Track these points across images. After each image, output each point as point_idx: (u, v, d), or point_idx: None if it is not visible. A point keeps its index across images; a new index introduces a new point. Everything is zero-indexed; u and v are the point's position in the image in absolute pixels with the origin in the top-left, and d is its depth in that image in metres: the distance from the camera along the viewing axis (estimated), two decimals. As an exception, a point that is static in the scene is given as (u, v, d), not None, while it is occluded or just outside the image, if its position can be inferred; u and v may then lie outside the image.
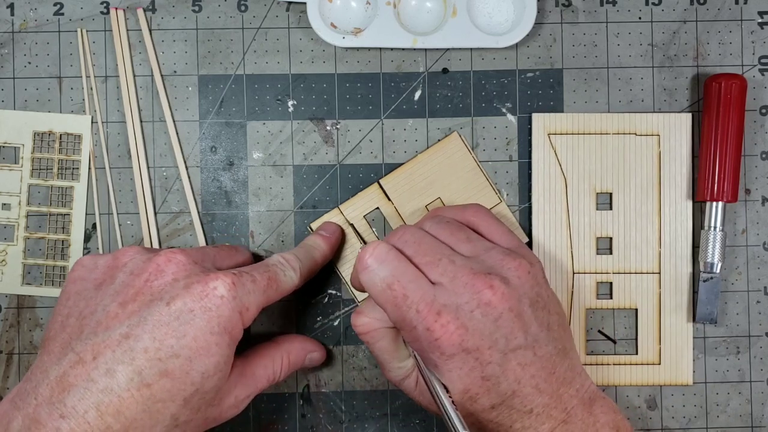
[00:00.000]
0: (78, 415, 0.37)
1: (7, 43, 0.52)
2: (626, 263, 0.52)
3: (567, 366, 0.42)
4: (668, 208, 0.52)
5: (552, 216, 0.52)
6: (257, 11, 0.52)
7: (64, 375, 0.38)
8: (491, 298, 0.40)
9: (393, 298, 0.41)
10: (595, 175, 0.52)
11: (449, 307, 0.40)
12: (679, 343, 0.51)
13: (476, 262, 0.42)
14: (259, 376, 0.45)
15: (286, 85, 0.52)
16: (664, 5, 0.52)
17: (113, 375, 0.37)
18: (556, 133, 0.52)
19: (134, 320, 0.39)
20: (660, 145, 0.52)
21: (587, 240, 0.52)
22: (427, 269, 0.42)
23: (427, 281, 0.42)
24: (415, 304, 0.41)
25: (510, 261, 0.42)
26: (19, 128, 0.52)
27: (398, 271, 0.42)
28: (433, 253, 0.42)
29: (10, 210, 0.52)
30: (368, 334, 0.45)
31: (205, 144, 0.52)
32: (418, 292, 0.41)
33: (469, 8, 0.51)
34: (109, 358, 0.38)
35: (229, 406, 0.43)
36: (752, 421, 0.52)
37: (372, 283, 0.42)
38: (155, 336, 0.38)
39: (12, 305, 0.52)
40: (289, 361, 0.47)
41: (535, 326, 0.41)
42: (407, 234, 0.44)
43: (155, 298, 0.40)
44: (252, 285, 0.42)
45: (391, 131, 0.52)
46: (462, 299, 0.41)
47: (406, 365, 0.45)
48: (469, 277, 0.41)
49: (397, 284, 0.41)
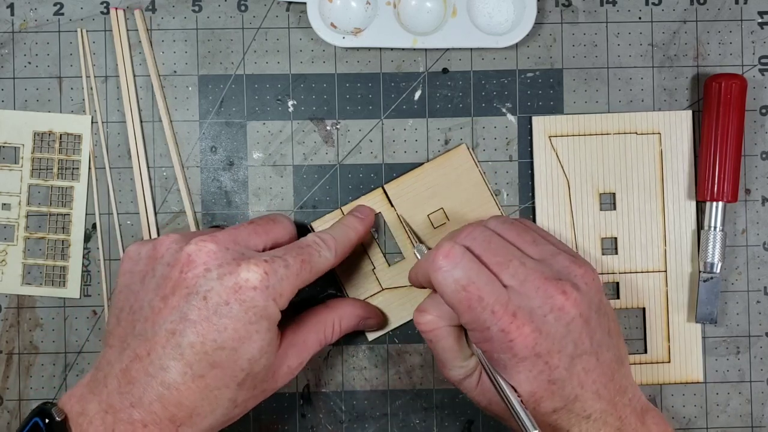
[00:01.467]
0: (145, 405, 0.39)
1: (7, 43, 0.52)
2: (632, 263, 0.52)
3: (623, 373, 0.43)
4: (672, 206, 0.52)
5: (556, 218, 0.52)
6: (257, 11, 0.52)
7: (127, 369, 0.40)
8: (564, 303, 0.41)
9: (467, 300, 0.41)
10: (598, 175, 0.52)
11: (524, 310, 0.40)
12: (689, 341, 0.51)
13: (545, 266, 0.42)
14: (310, 342, 0.46)
15: (286, 85, 0.52)
16: (664, 5, 0.52)
17: (167, 370, 0.40)
18: (557, 136, 0.52)
19: (176, 315, 0.40)
20: (661, 143, 0.52)
21: (592, 241, 0.52)
22: (498, 270, 0.42)
23: (500, 283, 0.41)
24: (490, 305, 0.40)
25: (577, 268, 0.43)
26: (19, 128, 0.52)
27: (472, 273, 0.41)
28: (503, 253, 0.42)
29: (10, 210, 0.52)
30: (431, 332, 0.44)
31: (205, 144, 0.52)
32: (493, 294, 0.41)
33: (469, 8, 0.51)
34: (160, 355, 0.40)
35: (283, 375, 0.44)
36: (752, 421, 0.52)
37: (445, 284, 0.42)
38: (198, 331, 0.40)
39: (12, 305, 0.52)
40: (341, 326, 0.48)
41: (599, 332, 0.42)
42: (476, 232, 0.44)
43: (191, 292, 0.40)
44: (285, 271, 0.42)
45: (391, 131, 0.52)
46: (534, 303, 0.41)
47: (468, 365, 0.45)
48: (540, 281, 0.41)
49: (472, 286, 0.41)
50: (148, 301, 0.41)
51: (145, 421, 0.39)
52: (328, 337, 0.47)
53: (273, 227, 0.45)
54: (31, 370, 0.52)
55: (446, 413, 0.52)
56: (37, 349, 0.52)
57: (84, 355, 0.52)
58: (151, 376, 0.40)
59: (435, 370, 0.52)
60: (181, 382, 0.40)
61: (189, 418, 0.40)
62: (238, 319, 0.40)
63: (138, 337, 0.41)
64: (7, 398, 0.52)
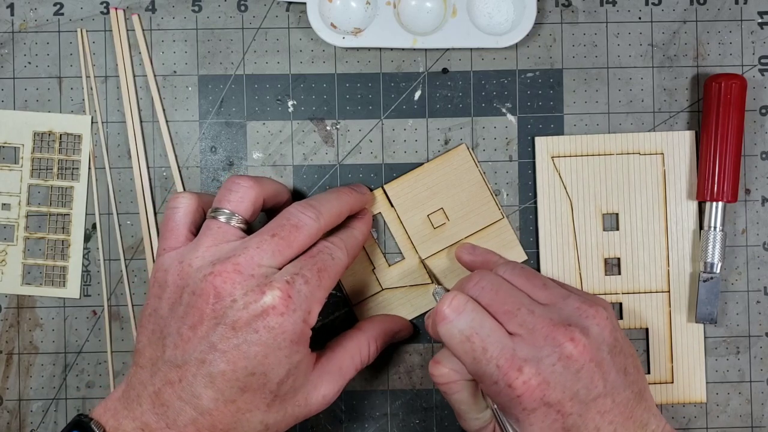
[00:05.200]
0: (179, 427, 0.40)
1: (7, 43, 0.52)
2: (635, 283, 0.52)
3: (643, 408, 0.43)
4: (675, 227, 0.52)
5: (559, 239, 0.52)
6: (257, 11, 0.52)
7: (160, 392, 0.41)
8: (572, 351, 0.40)
9: (472, 351, 0.41)
10: (601, 196, 0.52)
11: (530, 362, 0.40)
12: (692, 361, 0.51)
13: (554, 312, 0.42)
14: (346, 368, 0.45)
15: (286, 85, 0.52)
16: (664, 5, 0.52)
17: (200, 398, 0.40)
18: (560, 156, 0.52)
19: (205, 345, 0.40)
20: (664, 164, 0.52)
21: (595, 261, 0.52)
22: (505, 319, 0.41)
23: (506, 333, 0.41)
24: (495, 358, 0.40)
25: (588, 308, 0.42)
26: (19, 128, 0.52)
27: (476, 323, 0.41)
28: (511, 301, 0.42)
29: (10, 210, 0.52)
30: (447, 385, 0.44)
31: (205, 144, 0.52)
32: (498, 345, 0.40)
33: (469, 8, 0.51)
34: (192, 383, 0.40)
35: (317, 403, 0.44)
36: (752, 421, 0.52)
37: (450, 335, 0.41)
38: (228, 359, 0.40)
39: (12, 305, 0.52)
40: (376, 345, 0.48)
41: (614, 373, 0.41)
42: (484, 280, 0.43)
43: (219, 322, 0.40)
44: (306, 287, 0.41)
45: (391, 131, 0.52)
46: (543, 352, 0.40)
47: (484, 416, 0.45)
48: (549, 329, 0.41)
49: (476, 336, 0.41)
50: (177, 328, 0.41)
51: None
52: (364, 360, 0.47)
53: (297, 236, 0.43)
54: (31, 370, 0.52)
55: (446, 413, 0.52)
56: (37, 349, 0.52)
57: (84, 355, 0.52)
58: (184, 401, 0.40)
59: (435, 370, 0.52)
60: (213, 408, 0.40)
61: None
62: (267, 345, 0.40)
63: (168, 363, 0.41)
64: (7, 398, 0.52)
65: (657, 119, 0.52)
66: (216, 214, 0.43)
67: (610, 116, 0.52)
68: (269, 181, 0.47)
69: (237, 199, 0.43)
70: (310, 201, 0.44)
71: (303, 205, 0.44)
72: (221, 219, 0.43)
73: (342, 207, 0.46)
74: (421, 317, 0.52)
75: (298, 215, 0.43)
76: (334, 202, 0.45)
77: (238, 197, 0.43)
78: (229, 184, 0.44)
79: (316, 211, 0.43)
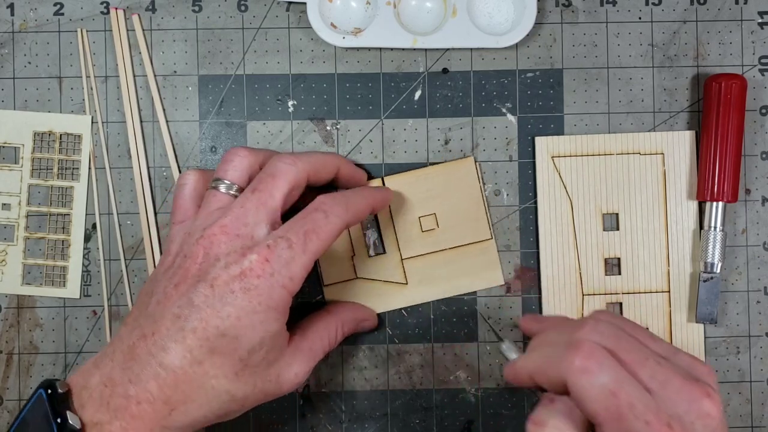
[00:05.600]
0: (141, 383, 0.40)
1: (7, 43, 0.52)
2: (635, 283, 0.52)
3: None
4: (675, 227, 0.52)
5: (559, 238, 0.51)
6: (257, 11, 0.52)
7: (133, 346, 0.41)
8: (710, 408, 0.37)
9: (616, 408, 0.36)
10: (601, 196, 0.52)
11: (675, 418, 0.37)
12: None
13: (676, 365, 0.39)
14: (316, 349, 0.46)
15: (286, 85, 0.52)
16: (664, 5, 0.52)
17: (167, 351, 0.40)
18: (560, 156, 0.52)
19: (184, 301, 0.41)
20: (665, 164, 0.52)
21: (595, 261, 0.52)
22: (635, 370, 0.38)
23: (644, 387, 0.37)
24: (643, 414, 0.36)
25: (700, 366, 0.39)
26: (19, 128, 0.52)
27: (621, 376, 0.37)
28: (636, 351, 0.38)
29: (10, 210, 0.52)
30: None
31: (205, 144, 0.52)
32: (643, 400, 0.36)
33: (469, 8, 0.51)
34: (164, 336, 0.40)
35: (289, 381, 0.44)
36: (752, 421, 0.52)
37: (591, 389, 0.37)
38: (202, 317, 0.40)
39: (12, 305, 0.52)
40: (343, 331, 0.48)
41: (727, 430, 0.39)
42: (601, 326, 0.39)
43: (200, 279, 0.41)
44: (288, 252, 0.41)
45: (391, 131, 0.52)
46: (680, 408, 0.37)
47: None
48: (681, 382, 0.37)
49: (622, 392, 0.36)
50: (163, 287, 0.42)
51: (140, 399, 0.40)
52: (332, 344, 0.47)
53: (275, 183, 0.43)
54: (31, 370, 0.52)
55: (446, 413, 0.52)
56: (37, 349, 0.52)
57: (84, 355, 0.52)
58: (152, 355, 0.40)
59: (435, 371, 0.52)
60: (179, 366, 0.40)
61: (183, 404, 0.40)
62: (242, 307, 0.40)
63: (148, 318, 0.41)
64: (7, 398, 0.52)
65: (657, 119, 0.52)
66: (215, 184, 0.45)
67: (610, 116, 0.52)
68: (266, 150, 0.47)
69: (231, 168, 0.45)
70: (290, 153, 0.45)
71: (282, 154, 0.44)
72: (221, 189, 0.44)
73: (327, 159, 0.46)
74: (392, 313, 0.52)
75: (275, 164, 0.44)
76: (317, 154, 0.46)
77: (232, 166, 0.45)
78: (226, 155, 0.45)
79: (294, 157, 0.44)
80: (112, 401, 0.40)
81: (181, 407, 0.40)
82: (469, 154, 0.52)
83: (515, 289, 0.52)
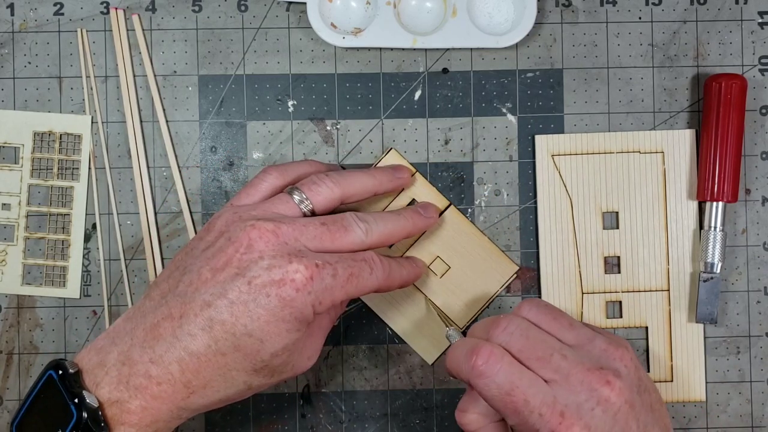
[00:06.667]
0: (164, 365, 0.40)
1: (7, 43, 0.52)
2: (635, 281, 0.52)
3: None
4: (675, 225, 0.52)
5: (559, 236, 0.52)
6: (257, 11, 0.52)
7: (157, 324, 0.41)
8: (609, 394, 0.40)
9: (513, 404, 0.40)
10: (601, 194, 0.52)
11: (570, 408, 0.40)
12: (691, 360, 0.51)
13: (585, 355, 0.42)
14: (325, 327, 0.46)
15: (286, 85, 0.52)
16: (664, 5, 0.52)
17: (194, 338, 0.40)
18: (560, 154, 0.52)
19: (217, 290, 0.41)
20: (665, 162, 0.52)
21: (595, 260, 0.52)
22: (539, 366, 0.41)
23: (542, 381, 0.41)
24: (537, 408, 0.40)
25: (614, 350, 0.42)
26: (19, 128, 0.52)
27: (515, 376, 0.40)
28: (542, 347, 0.42)
29: (10, 210, 0.52)
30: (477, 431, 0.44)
31: (205, 144, 0.52)
32: (539, 395, 0.40)
33: (469, 8, 0.51)
34: (191, 321, 0.41)
35: (303, 366, 0.45)
36: (752, 421, 0.52)
37: (488, 389, 0.41)
38: (233, 312, 0.40)
39: (12, 305, 0.52)
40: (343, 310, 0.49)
41: (644, 412, 0.42)
42: (512, 326, 0.42)
43: (240, 273, 0.41)
44: (331, 280, 0.42)
45: (391, 131, 0.52)
46: (580, 397, 0.40)
47: None
48: (583, 373, 0.41)
49: (516, 390, 0.40)
50: (199, 267, 0.42)
51: (161, 380, 0.40)
52: (338, 313, 0.48)
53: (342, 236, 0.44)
54: (31, 370, 0.52)
55: (446, 413, 0.52)
56: (37, 349, 0.52)
57: (84, 355, 0.52)
58: (177, 338, 0.40)
59: (435, 370, 0.52)
60: (203, 354, 0.40)
61: (202, 388, 0.41)
62: (274, 313, 0.40)
63: (177, 297, 0.41)
64: (7, 398, 0.52)
65: (657, 119, 0.52)
66: (293, 192, 0.45)
67: (611, 116, 0.52)
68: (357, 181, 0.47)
69: (317, 192, 0.45)
70: (368, 214, 0.45)
71: (360, 215, 0.45)
72: (295, 198, 0.44)
73: (395, 229, 0.47)
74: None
75: (351, 221, 0.44)
76: (389, 223, 0.46)
77: (319, 191, 0.45)
78: (318, 177, 0.45)
79: (368, 226, 0.45)
80: (131, 380, 0.40)
81: (200, 391, 0.41)
82: (469, 155, 0.52)
83: (515, 289, 0.52)
